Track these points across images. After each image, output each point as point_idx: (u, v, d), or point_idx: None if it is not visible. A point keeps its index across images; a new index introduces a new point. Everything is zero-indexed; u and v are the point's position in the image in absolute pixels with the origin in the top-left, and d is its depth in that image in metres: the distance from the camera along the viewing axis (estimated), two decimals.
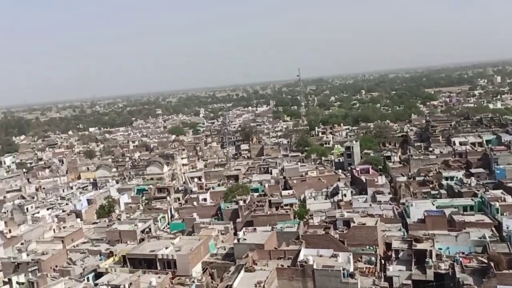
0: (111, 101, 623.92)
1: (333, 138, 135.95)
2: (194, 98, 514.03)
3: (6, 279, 52.47)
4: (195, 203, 75.99)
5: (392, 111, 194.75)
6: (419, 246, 45.19)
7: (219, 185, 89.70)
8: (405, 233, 52.07)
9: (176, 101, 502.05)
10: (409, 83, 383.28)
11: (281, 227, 54.19)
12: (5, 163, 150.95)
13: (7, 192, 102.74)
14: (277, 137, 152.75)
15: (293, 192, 77.09)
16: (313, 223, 58.87)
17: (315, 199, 72.58)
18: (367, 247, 47.59)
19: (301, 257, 42.90)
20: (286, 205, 69.98)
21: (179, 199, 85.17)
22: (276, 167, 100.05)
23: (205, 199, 78.29)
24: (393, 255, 46.38)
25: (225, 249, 53.43)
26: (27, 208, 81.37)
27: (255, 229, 54.13)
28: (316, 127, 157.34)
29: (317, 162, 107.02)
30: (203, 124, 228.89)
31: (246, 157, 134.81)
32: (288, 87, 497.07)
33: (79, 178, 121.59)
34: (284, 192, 77.92)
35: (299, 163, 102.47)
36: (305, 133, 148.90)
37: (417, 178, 78.36)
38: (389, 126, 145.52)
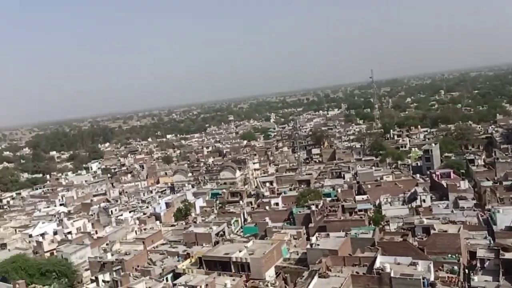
0: (186, 109, 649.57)
1: (409, 141, 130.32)
2: (264, 104, 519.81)
3: (93, 277, 56.54)
4: (267, 207, 76.47)
5: (475, 111, 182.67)
6: (507, 255, 41.67)
7: (290, 189, 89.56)
8: (491, 242, 48.33)
9: (247, 107, 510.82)
10: (493, 82, 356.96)
11: (356, 233, 52.80)
12: (91, 169, 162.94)
13: (94, 195, 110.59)
14: (349, 141, 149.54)
15: (367, 197, 74.87)
16: (389, 230, 56.72)
17: (391, 205, 69.88)
18: (449, 255, 44.80)
19: (377, 264, 41.41)
20: (360, 210, 68.12)
21: (251, 203, 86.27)
22: (349, 171, 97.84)
23: (277, 204, 78.54)
24: (478, 265, 43.22)
25: (297, 254, 53.12)
26: (111, 211, 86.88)
27: (328, 234, 53.23)
28: (391, 130, 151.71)
29: (393, 166, 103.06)
30: (274, 129, 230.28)
31: (317, 161, 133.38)
32: (361, 89, 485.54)
33: (158, 182, 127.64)
34: (358, 197, 75.92)
35: (373, 167, 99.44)
36: (379, 136, 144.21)
37: (504, 183, 72.53)
38: (471, 127, 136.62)
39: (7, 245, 71.30)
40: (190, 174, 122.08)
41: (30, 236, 73.25)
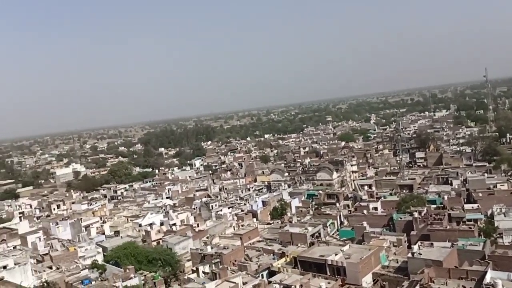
0: (284, 109, 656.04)
1: None
2: (364, 104, 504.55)
3: (194, 268, 59.66)
4: (365, 211, 74.04)
5: None
6: None
7: (391, 194, 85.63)
8: None
9: (346, 107, 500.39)
10: None
11: (463, 245, 48.81)
12: (195, 165, 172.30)
13: (196, 190, 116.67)
14: (458, 145, 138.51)
15: (477, 206, 68.68)
16: (502, 243, 51.56)
17: (505, 216, 63.16)
18: None
19: (487, 279, 37.76)
20: (469, 220, 62.76)
21: (348, 206, 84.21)
22: (458, 177, 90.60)
23: (375, 208, 75.64)
24: None
25: (397, 262, 50.60)
26: (212, 206, 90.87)
27: (431, 244, 49.91)
28: (508, 134, 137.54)
29: (509, 174, 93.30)
30: (374, 130, 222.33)
31: (421, 165, 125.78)
32: (472, 89, 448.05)
33: (255, 180, 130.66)
34: (467, 206, 70.01)
35: (485, 174, 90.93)
36: (494, 140, 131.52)
37: None
38: None
39: (120, 233, 78.16)
40: (286, 174, 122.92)
41: (140, 225, 79.51)
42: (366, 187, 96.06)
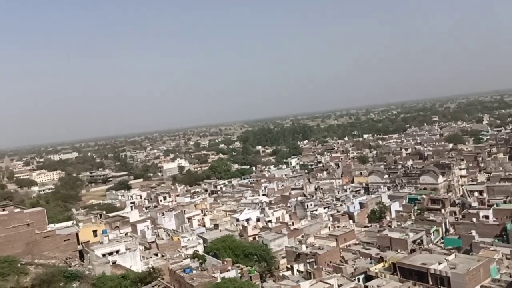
0: (385, 108, 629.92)
1: None
2: (476, 103, 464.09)
3: (289, 266, 59.98)
4: (474, 219, 68.01)
5: None
6: None
7: (505, 202, 77.59)
8: None
9: (455, 106, 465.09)
10: None
11: None
12: (291, 164, 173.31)
13: (292, 189, 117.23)
14: None
15: None
16: None
17: None
18: None
19: None
20: None
21: (455, 213, 78.13)
22: None
23: (486, 217, 69.11)
24: None
25: (510, 276, 45.78)
26: (307, 205, 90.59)
27: None
28: None
29: None
30: (487, 132, 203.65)
31: None
32: None
33: (352, 181, 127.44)
34: None
35: None
36: None
37: None
38: None
39: (219, 226, 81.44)
40: (386, 176, 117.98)
41: (237, 220, 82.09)
42: (476, 193, 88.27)
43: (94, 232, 63.43)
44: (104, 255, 51.52)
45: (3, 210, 58.08)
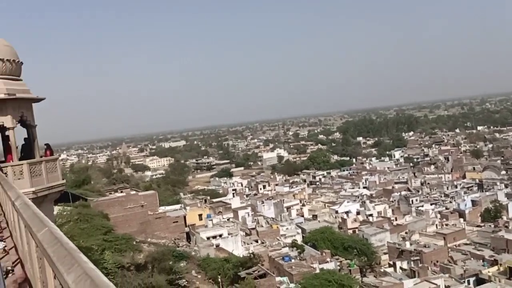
0: (504, 97, 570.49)
1: None
2: None
3: (391, 262, 57.65)
4: None
5: None
6: None
7: None
8: None
9: None
10: None
11: None
12: (394, 156, 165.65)
13: (395, 183, 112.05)
14: None
15: None
16: None
17: None
18: None
19: None
20: None
21: None
22: None
23: None
24: None
25: None
26: (412, 200, 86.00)
27: None
28: None
29: None
30: None
31: None
32: None
33: (464, 177, 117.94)
34: None
35: None
36: None
37: None
38: None
39: (317, 217, 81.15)
40: (503, 172, 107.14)
41: (336, 212, 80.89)
42: None
43: (200, 216, 67.12)
44: (208, 238, 54.35)
45: (121, 192, 64.19)
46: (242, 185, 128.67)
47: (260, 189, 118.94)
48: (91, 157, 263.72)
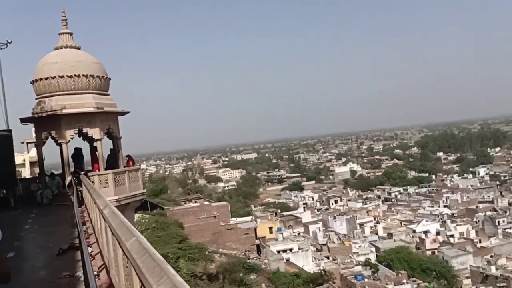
0: None
1: None
2: None
3: (473, 287, 53.52)
4: None
5: None
6: None
7: None
8: None
9: None
10: None
11: None
12: (478, 174, 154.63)
13: (479, 202, 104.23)
14: None
15: None
16: None
17: None
18: None
19: None
20: None
21: None
22: None
23: None
24: None
25: None
26: (498, 222, 79.40)
27: None
28: None
29: None
30: None
31: None
32: None
33: None
34: None
35: None
36: None
37: None
38: None
39: (393, 235, 77.67)
40: None
41: (414, 231, 76.88)
42: None
43: (270, 228, 67.16)
44: (278, 252, 54.16)
45: (195, 202, 66.23)
46: (313, 199, 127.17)
47: (332, 204, 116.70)
48: (168, 168, 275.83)
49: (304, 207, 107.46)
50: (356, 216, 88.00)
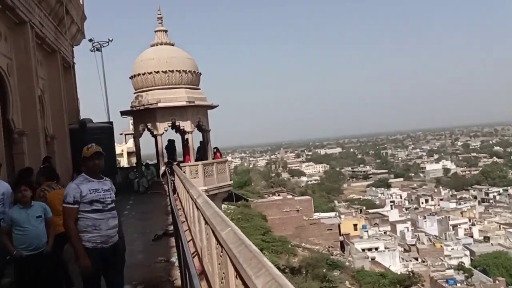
0: None
1: None
2: None
3: None
4: None
5: None
6: None
7: None
8: None
9: None
10: None
11: None
12: None
13: None
14: None
15: None
16: None
17: None
18: None
19: None
20: None
21: None
22: None
23: None
24: None
25: None
26: None
27: None
28: None
29: None
30: None
31: None
32: None
33: None
34: None
35: None
36: None
37: None
38: None
39: (490, 239, 71.82)
40: None
41: None
42: None
43: (354, 226, 65.70)
44: (363, 250, 52.78)
45: (278, 195, 66.82)
46: (401, 197, 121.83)
47: (422, 203, 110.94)
48: (252, 161, 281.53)
49: (391, 205, 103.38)
50: (448, 217, 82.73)
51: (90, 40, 31.25)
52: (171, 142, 23.82)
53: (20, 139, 12.13)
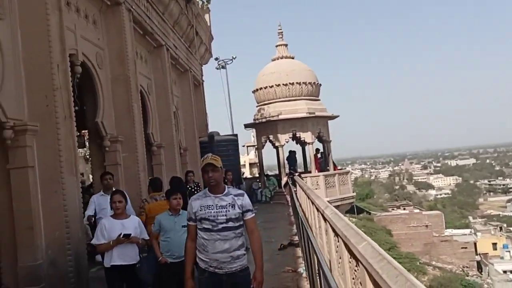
0: None
1: None
2: None
3: None
4: None
5: None
6: None
7: None
8: None
9: None
10: None
11: None
12: None
13: None
14: None
15: None
16: None
17: None
18: None
19: None
20: None
21: None
22: None
23: None
24: None
25: None
26: None
27: None
28: None
29: None
30: None
31: None
32: None
33: None
34: None
35: None
36: None
37: None
38: None
39: None
40: None
41: None
42: None
43: (494, 244, 59.02)
44: (505, 272, 47.08)
45: (404, 209, 63.09)
46: None
47: None
48: (374, 172, 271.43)
49: None
50: None
51: (216, 59, 33.29)
52: (292, 153, 24.07)
53: (158, 151, 13.33)
